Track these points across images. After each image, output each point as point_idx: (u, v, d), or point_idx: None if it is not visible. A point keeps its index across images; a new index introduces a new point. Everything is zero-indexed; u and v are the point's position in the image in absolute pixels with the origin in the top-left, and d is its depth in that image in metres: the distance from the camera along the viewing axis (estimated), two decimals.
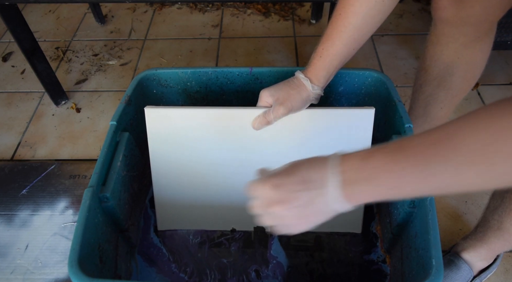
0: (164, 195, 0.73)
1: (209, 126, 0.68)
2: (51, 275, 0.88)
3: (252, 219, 0.70)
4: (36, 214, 0.98)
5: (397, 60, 1.38)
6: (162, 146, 0.69)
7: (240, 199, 0.71)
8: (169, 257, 0.74)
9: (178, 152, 0.69)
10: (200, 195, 0.73)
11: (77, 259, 0.51)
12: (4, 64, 1.44)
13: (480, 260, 0.80)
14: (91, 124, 1.22)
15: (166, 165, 0.70)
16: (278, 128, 0.67)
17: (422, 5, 1.58)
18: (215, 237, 0.76)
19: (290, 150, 0.69)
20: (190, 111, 0.67)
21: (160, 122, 0.67)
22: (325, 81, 0.66)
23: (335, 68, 0.65)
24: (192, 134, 0.68)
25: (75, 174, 1.07)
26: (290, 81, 0.65)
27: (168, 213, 0.75)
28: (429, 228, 0.53)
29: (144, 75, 0.75)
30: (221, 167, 0.71)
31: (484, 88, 1.27)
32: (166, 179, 0.71)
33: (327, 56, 0.63)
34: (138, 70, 1.39)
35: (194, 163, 0.70)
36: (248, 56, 1.42)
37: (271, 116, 0.63)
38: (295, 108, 0.64)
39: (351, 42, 0.62)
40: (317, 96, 0.66)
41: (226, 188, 0.72)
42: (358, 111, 0.66)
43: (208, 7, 1.64)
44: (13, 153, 1.14)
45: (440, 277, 0.48)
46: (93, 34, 1.55)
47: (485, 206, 0.75)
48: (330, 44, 0.63)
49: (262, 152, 0.70)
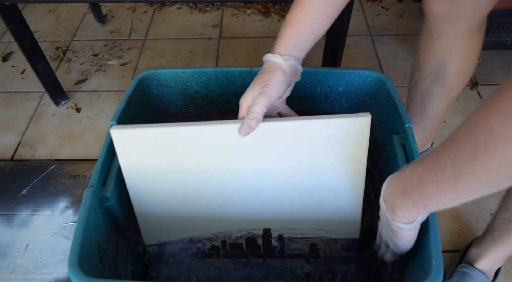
0: (145, 211, 0.68)
1: (183, 145, 0.60)
2: (51, 275, 0.88)
3: (240, 224, 0.69)
4: (36, 214, 0.98)
5: (397, 60, 1.38)
6: (135, 165, 0.63)
7: (226, 205, 0.67)
8: None
9: (153, 169, 0.63)
10: (183, 206, 0.68)
11: (77, 259, 0.51)
12: (4, 64, 1.44)
13: (497, 263, 0.79)
14: (91, 124, 1.22)
15: (143, 183, 0.65)
16: (265, 140, 0.59)
17: (422, 5, 1.58)
18: (205, 249, 0.73)
19: (278, 162, 0.62)
20: (160, 130, 0.59)
21: (130, 143, 0.61)
22: (297, 50, 0.57)
23: (308, 36, 0.57)
24: (165, 152, 0.61)
25: (75, 174, 1.07)
26: (262, 69, 0.58)
27: (152, 227, 0.71)
28: (429, 228, 0.53)
29: (144, 75, 0.75)
30: (203, 182, 0.65)
31: (484, 88, 1.27)
32: (145, 195, 0.66)
33: (296, 21, 0.56)
34: (138, 70, 1.39)
35: (172, 180, 0.64)
36: (248, 56, 1.42)
37: (252, 112, 0.54)
38: (274, 92, 0.54)
39: (323, 6, 0.56)
40: (293, 69, 0.57)
41: (210, 196, 0.67)
42: (353, 120, 0.58)
43: (208, 7, 1.64)
44: (13, 153, 1.14)
45: (440, 277, 0.48)
46: (93, 34, 1.55)
47: (498, 207, 0.74)
48: (299, 8, 0.56)
49: (246, 165, 0.63)
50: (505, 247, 0.75)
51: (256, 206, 0.66)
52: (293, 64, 0.56)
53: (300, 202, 0.65)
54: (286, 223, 0.68)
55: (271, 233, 0.70)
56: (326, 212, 0.66)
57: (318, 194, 0.64)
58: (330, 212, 0.66)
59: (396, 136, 0.67)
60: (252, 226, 0.69)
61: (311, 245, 0.72)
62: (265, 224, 0.69)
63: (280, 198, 0.65)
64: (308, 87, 0.75)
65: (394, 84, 0.73)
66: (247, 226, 0.69)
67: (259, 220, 0.68)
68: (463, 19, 0.70)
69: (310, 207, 0.66)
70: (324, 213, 0.66)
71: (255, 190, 0.64)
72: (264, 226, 0.69)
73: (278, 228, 0.69)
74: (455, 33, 0.73)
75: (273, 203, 0.66)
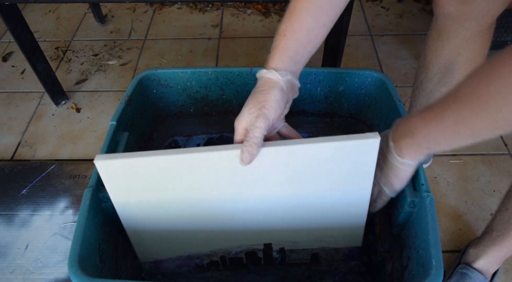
0: (139, 236, 0.65)
1: (176, 172, 0.55)
2: (51, 275, 0.88)
3: (241, 241, 0.66)
4: (36, 214, 0.98)
5: (397, 60, 1.38)
6: (125, 193, 0.58)
7: (225, 227, 0.64)
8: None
9: (145, 197, 0.59)
10: (179, 229, 0.64)
11: (77, 259, 0.51)
12: (4, 64, 1.44)
13: (495, 264, 0.79)
14: (91, 124, 1.22)
15: (135, 210, 0.61)
16: (266, 164, 0.54)
17: (422, 5, 1.58)
18: (204, 264, 0.71)
19: (280, 184, 0.57)
20: (150, 159, 0.53)
21: (117, 173, 0.55)
22: (294, 63, 0.53)
23: (304, 48, 0.53)
24: (156, 180, 0.56)
25: (75, 174, 1.07)
26: (256, 87, 0.53)
27: (148, 248, 0.68)
28: (429, 228, 0.53)
29: (144, 75, 0.75)
30: (200, 207, 0.60)
31: None
32: (138, 221, 0.63)
33: (292, 32, 0.52)
34: (138, 70, 1.39)
35: (166, 205, 0.60)
36: (248, 56, 1.42)
37: (252, 137, 0.49)
38: (273, 113, 0.50)
39: (319, 14, 0.52)
40: (290, 85, 0.52)
41: (207, 218, 0.63)
42: (361, 142, 0.52)
43: (208, 7, 1.64)
44: (13, 153, 1.14)
45: (440, 277, 0.48)
46: (93, 34, 1.55)
47: (498, 207, 0.74)
48: (294, 18, 0.52)
49: (246, 189, 0.58)
50: (503, 248, 0.75)
51: (256, 225, 0.63)
52: (290, 80, 0.52)
53: (303, 219, 0.63)
54: (288, 237, 0.66)
55: (272, 246, 0.68)
56: (330, 226, 0.65)
57: (322, 211, 0.62)
58: (333, 226, 0.64)
59: None
60: (252, 242, 0.67)
61: (313, 254, 0.71)
62: (266, 240, 0.67)
63: (282, 215, 0.62)
64: (308, 87, 0.75)
65: (394, 84, 0.73)
66: (247, 242, 0.67)
67: (259, 236, 0.66)
68: (473, 21, 0.70)
69: (313, 222, 0.64)
70: (327, 227, 0.65)
71: (255, 211, 0.61)
72: (265, 241, 0.67)
73: (279, 242, 0.67)
74: (464, 34, 0.72)
75: (274, 221, 0.63)
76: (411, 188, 0.58)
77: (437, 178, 1.04)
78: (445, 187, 1.02)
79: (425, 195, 0.55)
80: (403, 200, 0.60)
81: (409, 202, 0.58)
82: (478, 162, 1.07)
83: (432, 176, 1.04)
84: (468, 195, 1.00)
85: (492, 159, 1.08)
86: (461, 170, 1.06)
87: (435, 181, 1.03)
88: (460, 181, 1.03)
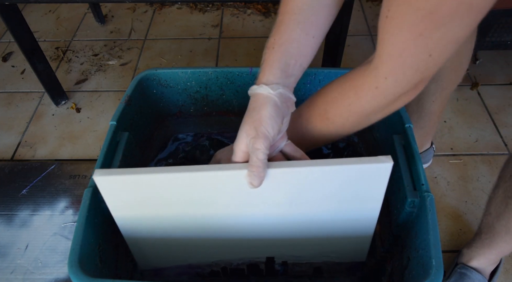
0: (140, 247, 0.65)
1: (177, 190, 0.54)
2: (51, 275, 0.88)
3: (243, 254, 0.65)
4: (36, 214, 0.98)
5: None
6: (126, 207, 0.58)
7: (227, 241, 0.63)
8: None
9: (145, 212, 0.58)
10: (181, 242, 0.64)
11: (77, 259, 0.51)
12: (4, 64, 1.44)
13: (490, 264, 0.79)
14: (91, 124, 1.22)
15: (136, 223, 0.60)
16: (272, 186, 0.52)
17: None
18: (205, 273, 0.71)
19: (285, 204, 0.56)
20: (150, 176, 0.52)
21: (117, 188, 0.55)
22: (285, 76, 0.50)
23: (295, 60, 0.51)
24: (156, 196, 0.55)
25: (75, 174, 1.07)
26: (249, 105, 0.51)
27: (148, 258, 0.67)
28: (429, 228, 0.53)
29: (144, 75, 0.75)
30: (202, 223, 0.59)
31: (484, 88, 1.27)
32: (139, 234, 0.62)
33: (281, 45, 0.50)
34: (138, 70, 1.39)
35: (167, 220, 0.59)
36: (248, 56, 1.42)
37: (256, 161, 0.47)
38: (271, 131, 0.48)
39: (308, 26, 0.51)
40: (283, 99, 0.50)
41: (209, 233, 0.62)
42: (373, 166, 0.50)
43: (208, 7, 1.64)
44: (13, 153, 1.14)
45: (440, 277, 0.48)
46: (93, 34, 1.55)
47: (484, 210, 0.75)
48: (282, 30, 0.51)
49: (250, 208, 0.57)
50: (492, 250, 0.75)
51: (259, 240, 0.62)
52: (283, 93, 0.49)
53: (307, 235, 0.62)
54: (291, 252, 0.66)
55: (274, 260, 0.67)
56: (335, 243, 0.64)
57: (327, 228, 0.60)
58: (339, 242, 0.64)
59: (396, 136, 0.66)
60: (254, 255, 0.66)
61: (315, 268, 0.70)
62: (268, 253, 0.66)
63: (285, 231, 0.61)
64: (308, 87, 0.75)
65: None
66: (249, 255, 0.66)
67: (262, 250, 0.65)
68: None
69: (318, 239, 0.63)
70: (332, 243, 0.64)
71: (259, 226, 0.60)
72: (268, 254, 0.66)
73: (282, 256, 0.67)
74: None
75: (277, 236, 0.61)
76: (411, 188, 0.58)
77: (437, 178, 1.04)
78: (445, 187, 1.02)
79: (425, 195, 0.55)
80: (403, 200, 0.60)
81: (409, 202, 0.58)
82: (478, 162, 1.07)
83: (432, 176, 1.05)
84: (468, 195, 1.00)
85: (492, 159, 1.08)
86: (461, 170, 1.06)
87: (435, 181, 1.03)
88: (460, 181, 1.03)
